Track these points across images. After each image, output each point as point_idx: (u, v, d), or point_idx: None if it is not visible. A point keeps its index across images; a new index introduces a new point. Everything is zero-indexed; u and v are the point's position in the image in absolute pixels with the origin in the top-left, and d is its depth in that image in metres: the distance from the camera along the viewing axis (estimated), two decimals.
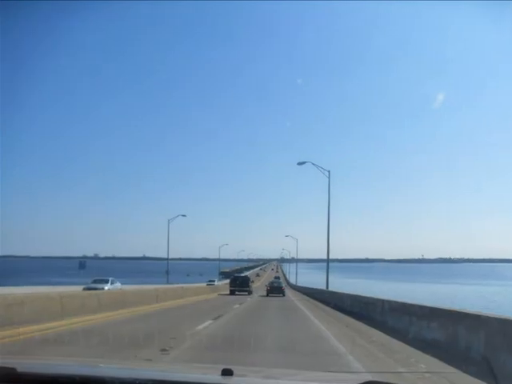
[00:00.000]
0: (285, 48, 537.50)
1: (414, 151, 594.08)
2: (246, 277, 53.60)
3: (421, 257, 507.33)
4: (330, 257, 41.84)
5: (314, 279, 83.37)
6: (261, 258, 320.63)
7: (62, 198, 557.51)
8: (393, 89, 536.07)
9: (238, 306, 26.61)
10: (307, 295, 47.87)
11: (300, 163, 41.06)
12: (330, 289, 38.51)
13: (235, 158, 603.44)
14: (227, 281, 64.98)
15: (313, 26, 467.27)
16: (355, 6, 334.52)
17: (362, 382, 2.48)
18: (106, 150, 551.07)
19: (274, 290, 44.92)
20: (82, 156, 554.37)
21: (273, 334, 13.34)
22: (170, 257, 73.13)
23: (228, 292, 45.18)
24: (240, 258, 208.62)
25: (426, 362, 9.26)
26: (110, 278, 37.28)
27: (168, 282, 65.54)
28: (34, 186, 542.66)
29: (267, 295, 43.11)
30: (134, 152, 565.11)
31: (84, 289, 30.88)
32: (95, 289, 29.87)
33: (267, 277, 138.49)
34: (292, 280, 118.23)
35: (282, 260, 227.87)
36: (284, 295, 43.90)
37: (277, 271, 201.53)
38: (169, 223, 68.25)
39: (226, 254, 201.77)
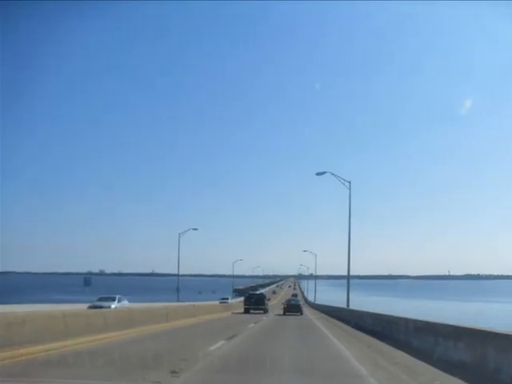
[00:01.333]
0: (305, 50, 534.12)
1: (441, 160, 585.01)
2: (261, 294, 53.59)
3: (447, 273, 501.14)
4: (351, 273, 41.67)
5: (333, 297, 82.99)
6: (277, 274, 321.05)
7: (66, 211, 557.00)
8: (419, 93, 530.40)
9: (252, 325, 26.57)
10: (326, 314, 47.65)
11: (319, 173, 40.56)
12: (351, 307, 38.28)
13: (250, 168, 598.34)
14: (241, 298, 64.94)
15: (335, 27, 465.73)
16: (379, 6, 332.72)
17: None
18: (111, 160, 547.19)
19: (292, 308, 44.78)
20: (86, 166, 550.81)
21: (290, 355, 13.28)
22: (181, 273, 73.15)
23: (242, 310, 45.17)
24: (255, 274, 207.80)
25: None
26: (117, 296, 37.30)
27: (178, 300, 65.49)
28: (36, 197, 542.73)
29: (284, 314, 43.01)
30: (142, 162, 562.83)
31: (89, 307, 30.93)
32: (101, 307, 29.92)
33: (284, 294, 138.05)
34: (310, 298, 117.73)
35: (300, 276, 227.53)
36: (302, 314, 43.73)
37: (294, 288, 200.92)
38: (179, 237, 68.43)
39: (240, 270, 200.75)
